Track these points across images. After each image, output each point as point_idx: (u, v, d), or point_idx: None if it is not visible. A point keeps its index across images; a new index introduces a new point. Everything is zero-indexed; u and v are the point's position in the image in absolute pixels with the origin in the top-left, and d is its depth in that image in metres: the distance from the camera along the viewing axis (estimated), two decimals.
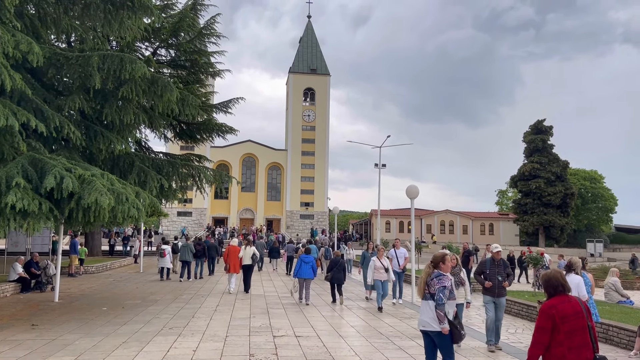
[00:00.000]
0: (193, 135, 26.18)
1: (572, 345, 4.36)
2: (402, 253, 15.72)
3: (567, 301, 4.54)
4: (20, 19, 12.86)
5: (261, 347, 8.95)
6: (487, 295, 9.36)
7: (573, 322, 4.39)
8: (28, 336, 9.61)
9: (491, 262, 9.50)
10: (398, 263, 15.45)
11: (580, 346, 4.37)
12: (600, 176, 71.13)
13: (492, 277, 9.34)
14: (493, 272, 9.37)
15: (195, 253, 21.26)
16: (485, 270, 9.48)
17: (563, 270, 8.71)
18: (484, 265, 9.64)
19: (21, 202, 9.97)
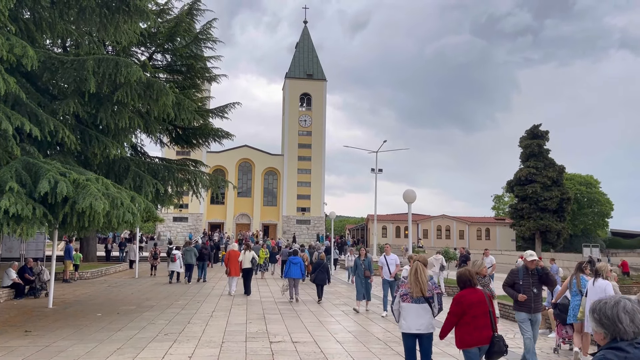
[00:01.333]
0: (189, 140, 26.09)
1: (477, 325, 5.76)
2: (393, 260, 14.25)
3: (473, 292, 5.89)
4: (15, 22, 12.79)
5: (258, 353, 8.86)
6: (522, 311, 8.07)
7: (477, 309, 5.73)
8: (21, 342, 9.48)
9: (525, 271, 8.22)
10: (389, 271, 13.99)
11: (482, 326, 5.76)
12: (596, 181, 71.39)
13: (527, 289, 8.05)
14: (527, 284, 8.09)
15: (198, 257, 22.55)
16: (518, 280, 8.18)
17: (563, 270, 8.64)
18: (515, 276, 8.30)
19: (15, 206, 9.87)
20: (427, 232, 68.26)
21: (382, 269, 14.13)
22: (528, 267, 8.24)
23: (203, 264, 23.07)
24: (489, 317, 5.79)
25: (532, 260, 8.20)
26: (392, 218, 69.40)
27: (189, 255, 21.96)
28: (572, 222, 65.23)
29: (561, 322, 9.74)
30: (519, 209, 58.59)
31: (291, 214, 63.48)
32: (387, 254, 14.43)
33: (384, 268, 14.07)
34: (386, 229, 68.31)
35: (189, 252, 22.12)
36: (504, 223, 68.44)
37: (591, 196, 68.59)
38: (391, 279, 14.01)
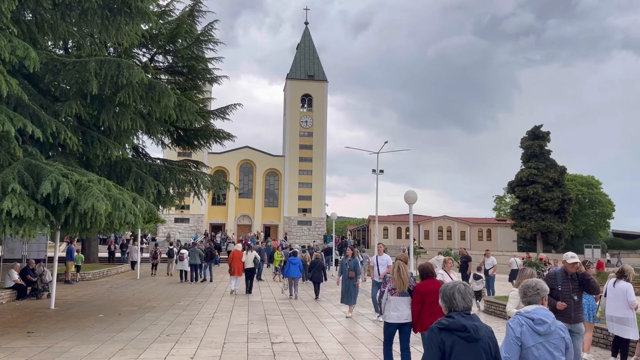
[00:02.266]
0: (190, 141, 26.11)
1: (432, 311, 6.57)
2: (384, 261, 13.42)
3: (431, 283, 6.86)
4: (17, 24, 12.83)
5: (259, 354, 8.88)
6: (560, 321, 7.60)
7: (434, 296, 6.18)
8: (24, 343, 9.51)
9: (564, 276, 7.35)
10: (378, 272, 13.14)
11: (438, 312, 6.11)
12: (597, 182, 71.34)
13: (567, 296, 7.19)
14: (567, 290, 7.23)
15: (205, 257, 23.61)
16: (556, 286, 7.27)
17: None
18: (553, 280, 7.33)
19: (17, 208, 9.90)
20: (429, 233, 68.25)
21: (372, 270, 13.44)
22: (568, 271, 7.36)
23: (209, 265, 23.92)
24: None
25: (573, 263, 7.33)
26: (393, 219, 69.40)
27: (193, 256, 22.76)
28: (574, 223, 65.17)
29: None
30: (520, 209, 58.57)
31: (292, 215, 63.50)
32: (379, 254, 13.70)
33: (374, 269, 13.35)
34: (387, 230, 68.29)
35: (194, 253, 22.94)
36: (505, 224, 68.40)
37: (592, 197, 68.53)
38: (380, 280, 12.75)
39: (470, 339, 3.40)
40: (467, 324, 3.43)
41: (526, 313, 3.78)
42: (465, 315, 3.51)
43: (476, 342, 3.40)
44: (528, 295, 3.95)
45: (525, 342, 3.66)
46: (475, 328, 3.43)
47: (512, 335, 3.70)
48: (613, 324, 8.38)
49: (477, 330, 3.43)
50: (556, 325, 3.77)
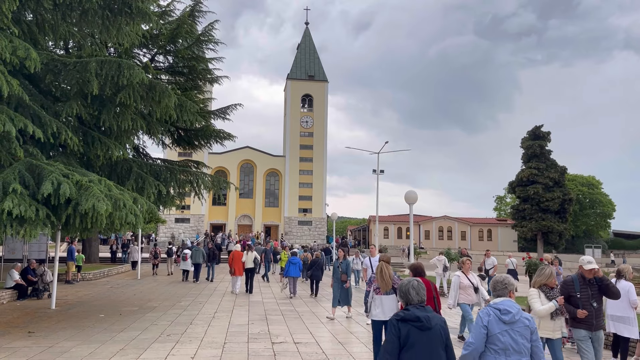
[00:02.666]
0: (191, 141, 26.14)
1: None
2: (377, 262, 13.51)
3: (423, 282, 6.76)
4: (18, 25, 12.85)
5: (260, 354, 8.89)
6: (581, 328, 6.88)
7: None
8: (24, 343, 9.52)
9: (581, 282, 7.00)
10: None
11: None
12: (598, 182, 71.32)
13: (586, 302, 6.87)
14: (586, 296, 6.91)
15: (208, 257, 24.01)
16: (574, 293, 6.95)
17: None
18: (570, 287, 7.02)
19: (18, 208, 9.91)
20: (429, 233, 68.25)
21: (365, 272, 13.12)
22: (585, 276, 7.02)
23: (212, 264, 24.15)
24: (432, 302, 6.94)
25: (591, 269, 7.00)
26: (393, 219, 69.40)
27: (196, 255, 23.29)
28: (574, 223, 65.14)
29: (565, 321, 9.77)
30: (520, 209, 58.54)
31: (293, 215, 63.52)
32: (372, 256, 13.18)
33: (367, 271, 12.73)
34: (388, 230, 68.29)
35: (197, 252, 23.48)
36: (506, 224, 68.39)
37: (593, 197, 68.51)
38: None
39: (423, 328, 3.93)
40: (420, 315, 3.95)
41: (494, 304, 4.34)
42: (420, 307, 4.07)
43: (429, 331, 3.93)
44: (497, 289, 4.50)
45: (492, 330, 4.17)
46: (427, 318, 3.96)
47: (480, 324, 4.23)
48: (613, 323, 8.43)
49: (429, 320, 3.96)
50: (521, 315, 4.23)
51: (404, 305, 4.19)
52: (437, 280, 19.96)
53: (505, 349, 4.12)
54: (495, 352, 4.15)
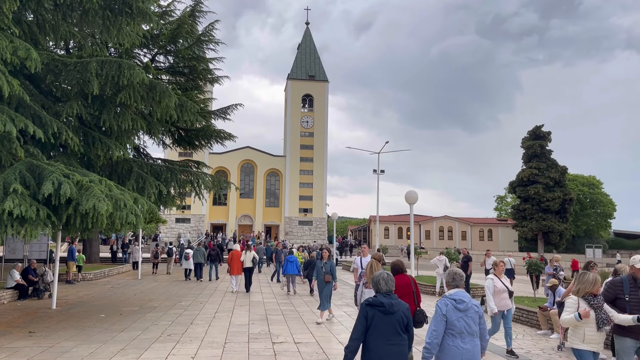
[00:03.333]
0: (191, 141, 26.15)
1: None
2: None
3: (402, 278, 7.66)
4: (19, 25, 12.86)
5: (260, 354, 8.89)
6: (626, 336, 5.96)
7: (404, 290, 7.37)
8: (25, 343, 9.53)
9: (632, 283, 6.17)
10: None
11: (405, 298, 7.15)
12: (598, 182, 71.23)
13: (635, 306, 5.97)
14: (636, 300, 6.03)
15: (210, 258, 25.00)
16: (623, 295, 6.13)
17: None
18: (619, 289, 6.20)
19: (19, 208, 9.92)
20: (430, 233, 68.22)
21: (356, 273, 12.06)
22: (636, 277, 6.21)
23: (215, 264, 24.74)
24: (412, 296, 7.53)
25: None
26: (394, 219, 69.37)
27: (197, 255, 24.23)
28: (575, 223, 65.08)
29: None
30: (521, 209, 58.49)
31: (293, 215, 63.54)
32: (363, 256, 12.41)
33: (358, 271, 11.92)
34: (388, 230, 68.27)
35: (197, 252, 24.43)
36: (507, 224, 68.35)
37: (594, 197, 68.43)
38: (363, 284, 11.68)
39: (386, 312, 4.74)
40: (385, 301, 4.79)
41: (450, 295, 5.07)
42: (387, 295, 4.88)
43: (391, 315, 4.74)
44: (456, 280, 5.25)
45: (450, 317, 4.93)
46: (390, 305, 4.79)
47: (439, 313, 4.94)
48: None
49: (392, 306, 4.79)
50: (472, 303, 5.06)
51: (375, 292, 5.00)
52: (438, 281, 19.95)
53: (461, 332, 4.92)
54: (453, 335, 4.93)
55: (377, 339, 4.72)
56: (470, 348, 4.96)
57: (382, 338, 4.72)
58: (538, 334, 11.74)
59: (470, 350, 4.95)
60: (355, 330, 4.77)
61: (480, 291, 19.85)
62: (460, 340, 4.93)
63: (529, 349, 9.99)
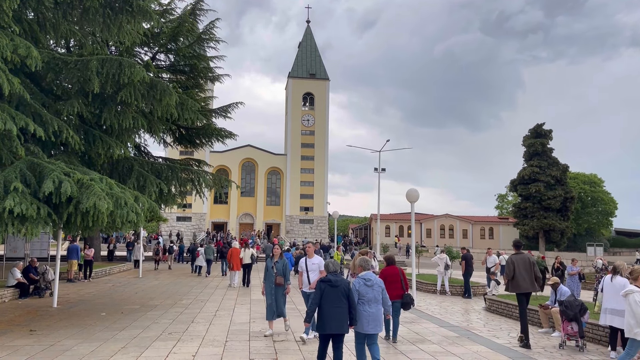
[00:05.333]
0: (192, 140, 26.14)
1: (390, 287, 9.52)
2: (316, 265, 10.10)
3: (391, 269, 10.07)
4: (19, 23, 12.83)
5: (261, 352, 8.88)
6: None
7: (392, 277, 9.91)
8: (26, 342, 9.53)
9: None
10: (308, 279, 10.05)
11: (394, 288, 9.81)
12: (600, 180, 71.16)
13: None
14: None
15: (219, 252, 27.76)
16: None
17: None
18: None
19: (19, 206, 9.91)
20: (431, 231, 68.20)
21: (301, 277, 10.24)
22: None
23: (224, 260, 25.81)
24: (400, 283, 9.92)
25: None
26: (395, 217, 69.35)
27: (208, 252, 26.21)
28: (576, 221, 65.04)
29: (567, 318, 9.77)
30: (522, 208, 58.45)
31: (294, 213, 63.54)
32: (308, 257, 10.28)
33: (303, 275, 10.16)
34: (389, 229, 68.27)
35: (208, 249, 26.48)
36: (508, 222, 68.30)
37: (595, 195, 68.37)
38: (311, 290, 9.85)
39: (333, 285, 7.02)
40: (332, 278, 7.08)
41: (361, 276, 7.40)
42: (333, 274, 7.19)
43: (336, 287, 7.00)
44: (364, 267, 7.59)
45: (361, 291, 7.22)
46: (336, 281, 7.05)
47: (354, 289, 7.21)
48: (606, 315, 8.91)
49: (337, 282, 7.04)
50: (376, 281, 7.37)
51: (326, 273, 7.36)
52: (439, 279, 19.92)
53: (369, 301, 7.21)
54: (363, 303, 7.20)
55: (326, 303, 6.95)
56: (374, 311, 7.22)
57: (330, 302, 6.95)
58: (539, 332, 11.72)
59: (374, 313, 7.22)
60: (314, 298, 7.08)
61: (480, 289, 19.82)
62: (367, 306, 7.20)
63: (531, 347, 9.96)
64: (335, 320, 6.87)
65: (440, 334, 11.14)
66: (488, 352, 9.29)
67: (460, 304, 16.76)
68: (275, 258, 10.55)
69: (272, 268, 10.45)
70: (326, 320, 6.89)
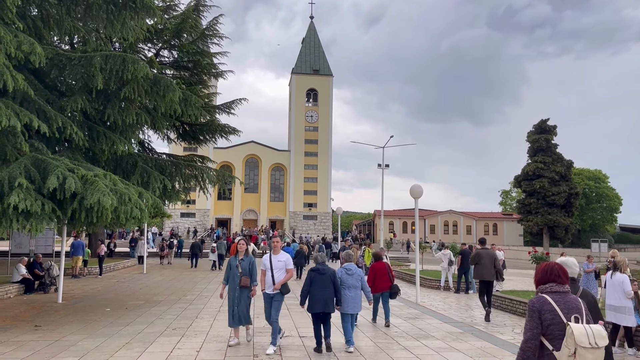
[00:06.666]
0: (196, 136, 26.17)
1: (379, 280, 11.11)
2: (282, 262, 8.70)
3: (380, 263, 11.36)
4: (23, 20, 12.85)
5: (265, 348, 8.89)
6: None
7: (380, 271, 11.18)
8: (31, 337, 9.57)
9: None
10: (273, 279, 8.57)
11: (383, 280, 11.12)
12: (604, 176, 70.93)
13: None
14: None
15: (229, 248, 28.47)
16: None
17: None
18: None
19: (24, 202, 9.95)
20: (434, 227, 68.16)
21: (263, 276, 8.73)
22: None
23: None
24: (387, 275, 11.22)
25: None
26: (399, 213, 69.32)
27: (220, 247, 27.96)
28: (580, 217, 64.87)
29: None
30: (526, 204, 58.32)
31: (298, 209, 63.60)
32: (274, 253, 8.80)
33: (267, 274, 8.65)
34: (393, 225, 68.26)
35: (220, 245, 28.31)
36: (512, 218, 68.18)
37: (600, 191, 68.17)
38: (274, 291, 8.59)
39: (320, 273, 8.42)
40: (319, 267, 8.50)
41: (344, 266, 9.20)
42: (321, 264, 8.59)
43: (324, 275, 8.41)
44: (346, 260, 9.44)
45: (343, 279, 8.97)
46: (323, 270, 8.45)
47: (338, 276, 8.76)
48: (611, 313, 9.05)
49: (324, 270, 8.44)
50: (356, 270, 9.14)
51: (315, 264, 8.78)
52: (443, 275, 19.89)
53: (349, 286, 8.97)
54: (344, 288, 8.93)
55: (315, 288, 8.35)
56: (354, 295, 8.98)
57: (318, 287, 8.35)
58: None
59: (353, 296, 8.96)
60: (305, 284, 8.48)
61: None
62: (348, 291, 8.94)
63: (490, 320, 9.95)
64: (322, 301, 8.28)
65: (444, 329, 11.14)
66: (492, 348, 9.28)
67: (464, 300, 16.75)
68: (240, 255, 9.07)
69: (236, 267, 8.96)
70: (315, 301, 8.29)
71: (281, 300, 8.75)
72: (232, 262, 9.09)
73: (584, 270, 17.85)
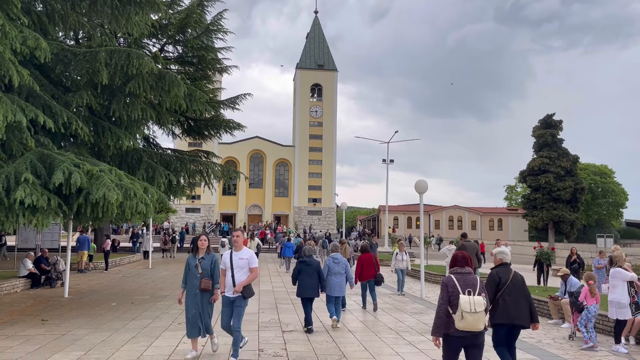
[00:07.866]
0: (201, 131, 26.21)
1: (365, 269, 12.64)
2: (244, 260, 7.45)
3: (366, 254, 12.80)
4: (28, 15, 12.87)
5: (270, 342, 8.92)
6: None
7: (366, 262, 12.68)
8: (38, 331, 9.64)
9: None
10: (233, 280, 7.34)
11: (368, 270, 12.62)
12: (610, 171, 70.59)
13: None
14: None
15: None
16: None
17: None
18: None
19: (30, 197, 9.99)
20: (439, 222, 68.10)
21: (223, 275, 7.53)
22: None
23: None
24: (373, 265, 12.61)
25: None
26: (403, 209, 69.28)
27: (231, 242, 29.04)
28: (586, 213, 64.61)
29: (577, 310, 9.72)
30: (531, 199, 58.09)
31: (302, 205, 63.64)
32: (235, 249, 7.62)
33: (227, 274, 7.44)
34: (398, 220, 68.23)
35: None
36: (517, 213, 68.01)
37: (605, 186, 67.87)
38: (235, 294, 7.33)
39: (307, 264, 9.94)
40: (306, 259, 10.02)
41: (331, 256, 10.71)
42: (308, 257, 10.11)
43: (310, 266, 9.92)
44: (335, 251, 10.91)
45: (330, 267, 10.50)
46: (310, 261, 9.97)
47: (326, 266, 10.47)
48: (614, 309, 9.09)
49: (310, 262, 9.96)
50: (341, 259, 10.64)
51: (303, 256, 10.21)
52: (447, 270, 19.89)
53: (335, 273, 10.43)
54: (331, 274, 10.39)
55: (303, 277, 9.87)
56: (339, 281, 10.45)
57: (306, 276, 9.86)
58: (549, 324, 11.68)
59: (338, 282, 10.44)
60: (294, 273, 9.99)
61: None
62: (334, 277, 10.44)
63: (540, 339, 9.94)
64: (309, 288, 9.84)
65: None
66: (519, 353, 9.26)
67: None
68: (200, 254, 7.70)
69: (195, 267, 7.58)
70: (304, 288, 9.86)
71: (243, 305, 7.30)
72: (191, 262, 7.63)
73: (595, 266, 17.30)
